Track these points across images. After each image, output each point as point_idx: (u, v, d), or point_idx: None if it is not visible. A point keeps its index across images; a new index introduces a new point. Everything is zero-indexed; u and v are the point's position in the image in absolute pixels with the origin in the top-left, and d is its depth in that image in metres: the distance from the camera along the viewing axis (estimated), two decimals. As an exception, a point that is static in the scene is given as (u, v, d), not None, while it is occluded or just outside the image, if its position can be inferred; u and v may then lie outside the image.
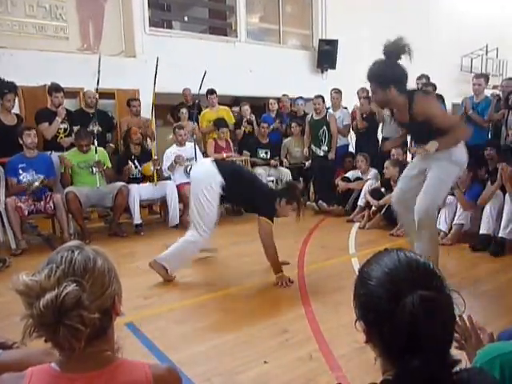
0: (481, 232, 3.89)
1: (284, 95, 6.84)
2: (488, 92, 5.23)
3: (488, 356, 0.94)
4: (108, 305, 0.87)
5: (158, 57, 4.86)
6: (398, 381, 0.75)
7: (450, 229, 4.14)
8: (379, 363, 0.82)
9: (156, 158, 4.95)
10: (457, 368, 0.75)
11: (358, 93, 6.21)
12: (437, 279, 0.77)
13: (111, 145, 5.50)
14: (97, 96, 5.02)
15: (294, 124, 6.28)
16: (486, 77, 5.21)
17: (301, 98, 6.77)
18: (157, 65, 4.81)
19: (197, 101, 5.77)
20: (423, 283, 0.74)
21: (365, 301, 0.80)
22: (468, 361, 1.09)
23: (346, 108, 6.39)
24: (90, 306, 0.82)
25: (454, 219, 4.14)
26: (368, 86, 3.05)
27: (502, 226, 3.75)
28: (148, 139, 5.43)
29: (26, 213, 4.11)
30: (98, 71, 4.64)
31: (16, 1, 5.68)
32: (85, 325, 0.81)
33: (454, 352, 0.80)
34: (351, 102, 6.51)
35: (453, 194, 4.18)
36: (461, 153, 2.92)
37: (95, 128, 4.88)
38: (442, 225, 4.17)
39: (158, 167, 4.94)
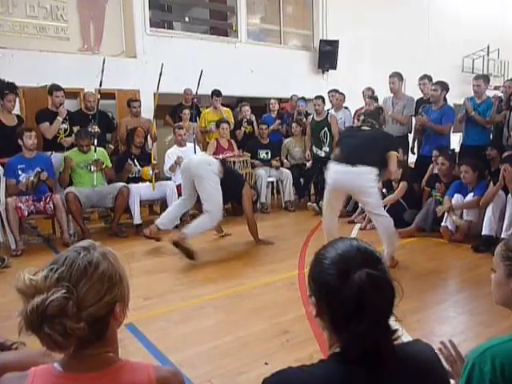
0: (483, 233, 3.88)
1: (294, 95, 6.81)
2: (491, 93, 5.20)
3: (479, 350, 0.95)
4: (103, 312, 0.85)
5: (162, 63, 4.86)
6: (346, 346, 0.84)
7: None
8: (326, 337, 0.91)
9: (155, 162, 4.93)
10: (395, 336, 0.86)
11: (363, 92, 6.18)
12: (381, 264, 0.87)
13: (110, 146, 5.49)
14: (98, 97, 5.01)
15: (294, 124, 6.27)
16: (486, 78, 5.18)
17: (303, 99, 6.75)
18: (161, 71, 4.81)
19: (195, 100, 5.75)
20: (370, 264, 0.85)
21: (318, 277, 0.89)
22: None
23: (346, 108, 6.37)
24: (77, 314, 0.80)
25: (461, 217, 4.16)
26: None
27: (504, 228, 3.74)
28: (149, 140, 5.42)
29: (26, 213, 4.10)
30: (102, 72, 4.64)
31: (17, 1, 5.67)
32: (65, 334, 0.80)
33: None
34: (352, 102, 6.51)
35: (460, 192, 4.20)
36: None
37: (94, 129, 4.87)
38: (449, 222, 4.18)
39: (157, 171, 4.92)
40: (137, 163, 4.97)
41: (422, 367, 0.88)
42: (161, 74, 4.84)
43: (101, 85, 4.75)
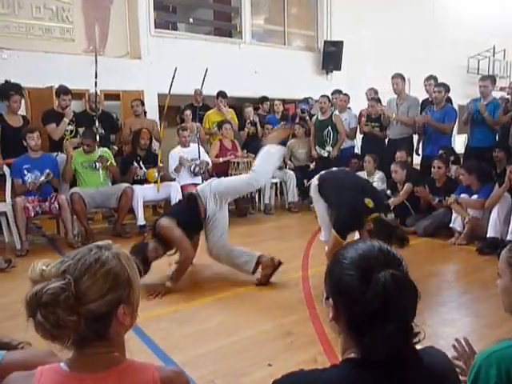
0: (488, 235, 3.85)
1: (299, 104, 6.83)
2: (497, 94, 5.18)
3: (486, 353, 0.96)
4: (103, 311, 0.85)
5: (176, 67, 4.88)
6: (368, 350, 0.80)
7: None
8: (341, 342, 0.88)
9: (161, 165, 4.94)
10: (416, 339, 0.84)
11: (366, 93, 6.16)
12: (403, 266, 0.85)
13: (114, 147, 5.50)
14: (98, 91, 4.98)
15: (297, 126, 6.27)
16: (493, 78, 5.17)
17: (306, 102, 6.74)
18: (174, 74, 4.83)
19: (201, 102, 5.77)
20: (393, 265, 0.83)
21: (337, 278, 0.86)
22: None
23: (349, 108, 6.36)
24: (72, 307, 0.82)
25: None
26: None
27: (509, 230, 3.71)
28: (154, 141, 5.42)
29: (32, 214, 4.12)
30: (96, 70, 4.65)
31: (23, 3, 5.71)
32: (57, 325, 0.81)
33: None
34: (357, 103, 6.50)
35: (465, 193, 4.19)
36: None
37: (98, 130, 4.89)
38: (458, 224, 4.17)
39: (163, 173, 4.94)
40: (142, 165, 4.98)
41: (438, 375, 0.86)
42: (173, 77, 4.85)
43: (96, 77, 4.70)
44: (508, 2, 10.58)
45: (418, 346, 0.87)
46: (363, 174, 5.58)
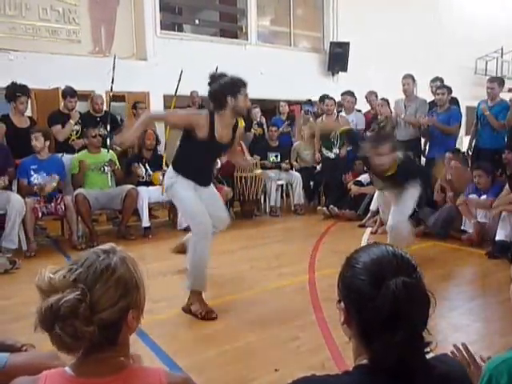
0: (497, 238, 3.79)
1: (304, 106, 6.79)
2: (506, 96, 5.13)
3: (495, 362, 0.94)
4: (115, 318, 0.85)
5: (182, 69, 4.88)
6: (377, 357, 0.80)
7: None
8: (353, 347, 0.88)
9: (167, 168, 4.93)
10: (427, 349, 0.83)
11: (366, 97, 6.11)
12: (417, 273, 0.84)
13: (118, 148, 5.48)
14: (111, 94, 4.97)
15: (304, 127, 6.23)
16: (501, 80, 5.12)
17: (309, 102, 6.71)
18: (180, 77, 4.83)
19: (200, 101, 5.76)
20: (405, 272, 0.82)
21: (349, 282, 0.85)
22: None
23: (359, 111, 6.31)
24: (88, 317, 0.80)
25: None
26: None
27: (518, 232, 3.66)
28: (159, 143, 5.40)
29: (40, 214, 4.11)
30: (113, 71, 4.64)
31: (30, 5, 5.74)
32: (75, 337, 0.80)
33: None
34: (363, 104, 6.45)
35: (475, 194, 4.14)
36: None
37: (102, 131, 4.88)
38: (468, 226, 4.14)
39: None
40: (148, 167, 4.96)
41: (450, 383, 0.85)
42: (179, 80, 4.85)
43: (113, 82, 4.73)
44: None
45: (432, 354, 0.85)
46: (368, 176, 5.53)
